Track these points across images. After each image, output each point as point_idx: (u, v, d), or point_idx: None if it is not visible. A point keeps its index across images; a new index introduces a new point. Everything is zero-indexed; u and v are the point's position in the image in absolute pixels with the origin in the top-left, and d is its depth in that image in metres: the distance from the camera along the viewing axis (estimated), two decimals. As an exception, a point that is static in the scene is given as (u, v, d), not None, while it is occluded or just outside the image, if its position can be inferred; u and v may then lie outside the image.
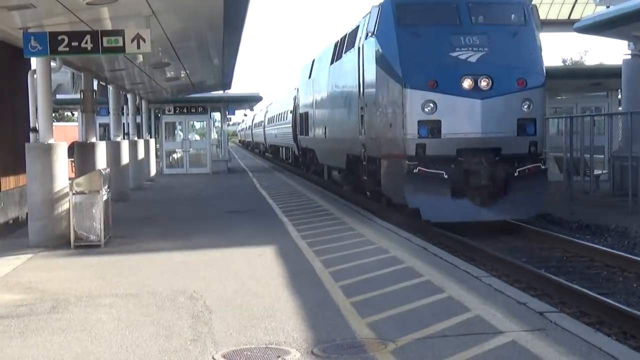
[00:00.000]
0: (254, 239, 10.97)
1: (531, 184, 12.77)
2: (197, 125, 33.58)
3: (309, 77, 24.48)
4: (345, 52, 17.70)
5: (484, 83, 12.45)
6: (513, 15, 13.84)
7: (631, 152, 15.32)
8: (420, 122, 12.56)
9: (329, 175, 22.54)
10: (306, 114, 24.91)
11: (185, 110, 30.61)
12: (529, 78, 12.87)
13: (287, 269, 8.51)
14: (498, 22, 13.67)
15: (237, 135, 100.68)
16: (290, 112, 31.00)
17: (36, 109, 11.13)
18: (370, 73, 14.56)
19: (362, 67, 15.35)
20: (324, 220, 13.28)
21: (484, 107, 12.42)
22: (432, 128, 12.58)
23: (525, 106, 12.74)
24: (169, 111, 30.60)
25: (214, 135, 33.62)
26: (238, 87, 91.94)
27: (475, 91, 12.45)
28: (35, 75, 11.25)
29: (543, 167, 13.22)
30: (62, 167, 10.96)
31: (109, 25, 11.09)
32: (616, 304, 7.39)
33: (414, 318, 6.00)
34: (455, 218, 12.57)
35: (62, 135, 20.36)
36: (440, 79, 12.55)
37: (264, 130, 48.88)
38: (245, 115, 65.03)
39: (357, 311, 6.28)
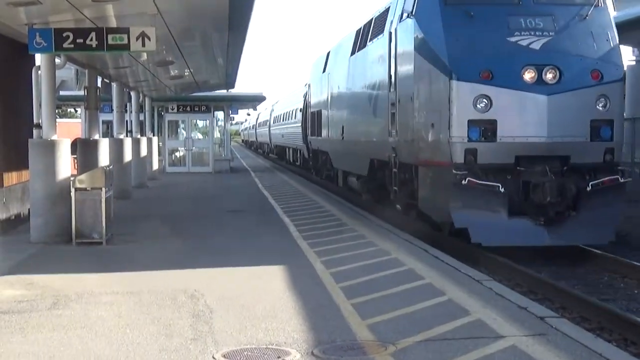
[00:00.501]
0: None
1: (607, 200, 10.54)
2: (200, 123, 33.42)
3: (323, 71, 21.86)
4: (371, 39, 15.38)
5: (550, 75, 10.37)
6: None
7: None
8: (470, 122, 10.44)
9: (344, 182, 19.88)
10: (319, 112, 22.45)
11: (188, 109, 30.57)
12: (605, 70, 10.66)
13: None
14: (566, 0, 11.39)
15: (239, 134, 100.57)
16: (300, 111, 29.08)
17: (40, 105, 11.15)
18: (406, 62, 12.28)
19: (393, 55, 13.08)
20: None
21: (551, 105, 10.26)
22: (485, 129, 10.46)
23: (601, 104, 10.58)
24: (172, 109, 30.53)
25: (217, 134, 33.65)
26: (241, 86, 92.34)
27: (540, 85, 10.34)
28: (39, 72, 11.25)
29: (622, 179, 10.63)
30: (65, 163, 10.99)
31: (114, 23, 11.11)
32: (617, 309, 7.39)
33: (415, 321, 6.00)
34: (513, 242, 10.28)
35: (65, 131, 20.36)
36: (497, 69, 10.45)
37: (269, 130, 47.27)
38: (249, 114, 65.00)
39: (358, 312, 6.27)
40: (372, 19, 15.82)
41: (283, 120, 38.01)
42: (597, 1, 11.14)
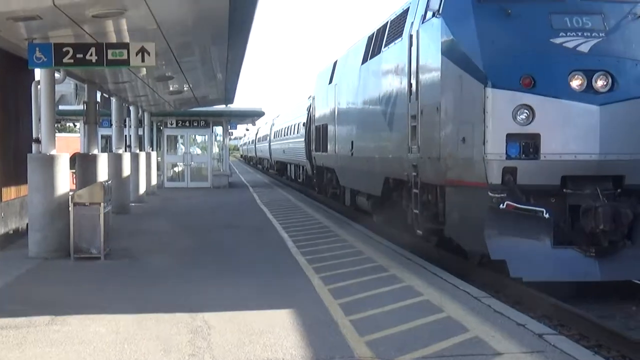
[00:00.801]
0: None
1: None
2: (199, 139, 33.86)
3: (330, 82, 20.44)
4: (387, 44, 14.05)
5: (601, 82, 9.09)
6: None
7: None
8: (509, 137, 9.08)
9: (352, 201, 18.24)
10: (324, 126, 21.04)
11: (187, 124, 30.77)
12: None
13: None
14: None
15: (238, 149, 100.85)
16: (303, 125, 28.02)
17: (39, 120, 11.19)
18: (431, 68, 10.92)
19: (415, 61, 11.72)
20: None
21: (603, 117, 8.95)
22: (526, 145, 9.07)
23: None
24: (171, 124, 30.62)
25: (216, 150, 33.79)
26: (240, 101, 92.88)
27: (590, 93, 9.03)
28: (39, 87, 11.31)
29: None
30: (64, 178, 10.99)
31: (113, 38, 11.18)
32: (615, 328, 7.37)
33: (413, 337, 6.01)
34: (559, 276, 8.94)
35: (64, 146, 20.30)
36: (539, 75, 9.14)
37: (270, 145, 46.18)
38: (247, 129, 65.22)
39: (356, 329, 6.28)
40: (387, 22, 14.52)
41: (284, 135, 37.19)
42: None
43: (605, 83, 9.09)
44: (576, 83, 9.04)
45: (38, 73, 11.66)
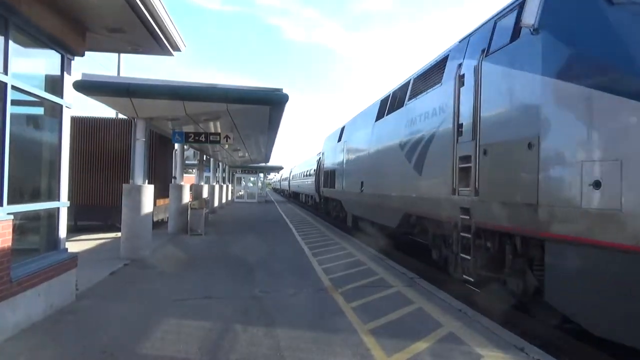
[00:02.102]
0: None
1: None
2: (252, 179, 61.59)
3: (339, 140, 26.62)
4: (411, 98, 14.67)
5: None
6: None
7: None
8: None
9: (353, 223, 24.01)
10: (332, 171, 27.95)
11: (246, 171, 58.86)
12: None
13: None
14: None
15: (271, 184, 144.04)
16: (314, 171, 39.96)
17: (176, 167, 23.01)
18: (515, 97, 9.14)
19: (470, 100, 10.72)
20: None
21: None
22: None
23: None
24: (239, 171, 58.85)
25: (259, 184, 63.26)
26: (272, 160, 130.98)
27: None
28: (176, 151, 23.08)
29: None
30: (186, 195, 22.59)
31: (212, 130, 22.68)
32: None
33: None
34: None
35: (187, 181, 34.31)
36: None
37: (289, 183, 75.51)
38: (275, 175, 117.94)
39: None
40: (409, 80, 15.23)
41: (300, 177, 58.45)
42: None
43: None
44: None
45: (177, 145, 23.64)
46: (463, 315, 9.25)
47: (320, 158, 35.43)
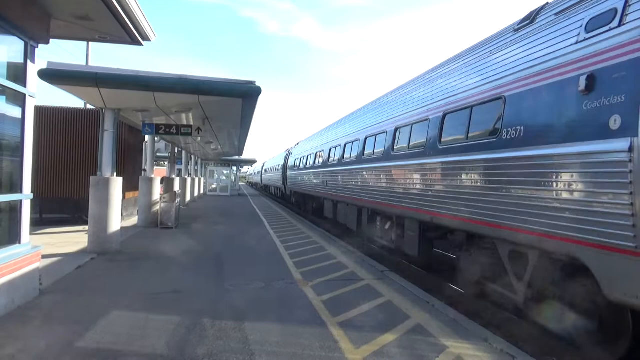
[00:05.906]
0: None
1: None
2: (225, 172, 60.29)
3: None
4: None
5: None
6: None
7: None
8: None
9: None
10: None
11: (219, 164, 56.55)
12: None
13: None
14: None
15: (245, 178, 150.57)
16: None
17: (146, 160, 22.62)
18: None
19: None
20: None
21: None
22: None
23: None
24: (211, 164, 56.36)
25: (232, 177, 61.09)
26: (245, 153, 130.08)
27: None
28: (146, 144, 22.72)
29: None
30: (157, 188, 22.27)
31: (184, 121, 22.41)
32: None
33: None
34: None
35: (158, 173, 33.98)
36: None
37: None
38: (249, 168, 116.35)
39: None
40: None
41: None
42: None
43: None
44: None
45: (147, 137, 23.23)
46: (431, 307, 9.50)
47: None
